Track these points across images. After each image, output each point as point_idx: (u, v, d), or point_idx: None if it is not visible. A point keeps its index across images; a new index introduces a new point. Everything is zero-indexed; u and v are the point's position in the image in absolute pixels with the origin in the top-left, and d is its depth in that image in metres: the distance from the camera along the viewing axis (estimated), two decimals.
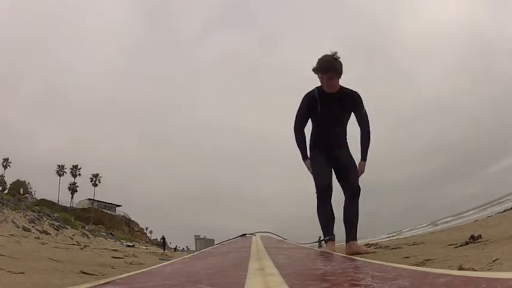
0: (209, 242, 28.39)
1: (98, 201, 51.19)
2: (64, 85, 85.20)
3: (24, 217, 17.83)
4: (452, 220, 20.72)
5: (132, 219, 51.58)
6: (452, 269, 1.53)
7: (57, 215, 25.62)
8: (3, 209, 16.90)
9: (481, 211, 19.24)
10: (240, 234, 3.70)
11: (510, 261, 1.60)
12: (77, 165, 49.75)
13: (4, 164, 47.14)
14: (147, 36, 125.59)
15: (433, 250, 2.69)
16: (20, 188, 44.34)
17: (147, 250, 22.02)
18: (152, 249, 26.67)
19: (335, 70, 2.47)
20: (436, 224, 22.00)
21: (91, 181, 51.01)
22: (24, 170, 66.11)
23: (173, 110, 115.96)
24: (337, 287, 0.62)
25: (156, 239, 47.30)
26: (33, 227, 16.43)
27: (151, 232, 55.98)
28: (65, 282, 2.26)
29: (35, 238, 12.92)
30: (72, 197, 48.29)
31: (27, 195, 41.23)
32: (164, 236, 28.81)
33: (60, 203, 45.07)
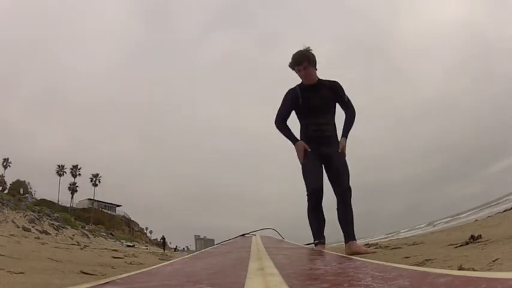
0: (209, 242, 28.37)
1: (98, 201, 51.19)
2: (64, 85, 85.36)
3: (24, 217, 17.83)
4: (450, 221, 20.72)
5: (132, 219, 51.61)
6: (452, 269, 1.52)
7: (57, 215, 25.61)
8: (3, 209, 16.90)
9: (478, 212, 19.26)
10: (240, 234, 3.70)
11: (510, 261, 1.60)
12: (77, 165, 49.80)
13: (4, 164, 47.15)
14: (147, 36, 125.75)
15: (433, 250, 2.68)
16: (20, 188, 44.33)
17: (147, 250, 22.02)
18: (152, 249, 26.67)
19: (308, 59, 2.58)
20: (434, 225, 22.00)
21: (91, 181, 51.05)
22: (24, 170, 66.17)
23: (173, 110, 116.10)
24: (337, 287, 0.62)
25: (156, 239, 47.29)
26: (33, 227, 16.42)
27: (151, 232, 56.04)
28: (65, 282, 2.26)
29: (35, 238, 12.92)
30: (72, 197, 48.32)
31: (27, 195, 41.22)
32: (164, 236, 28.81)
33: (60, 203, 45.06)
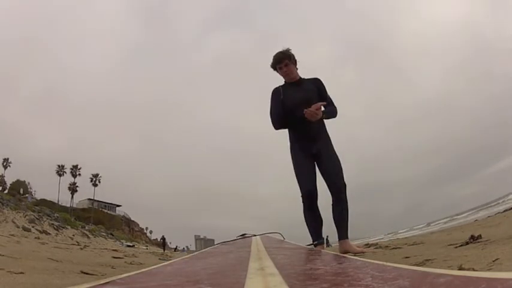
0: (209, 242, 28.35)
1: (98, 201, 51.19)
2: (64, 85, 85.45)
3: (24, 217, 17.82)
4: (448, 221, 20.73)
5: (132, 219, 51.61)
6: (452, 269, 1.52)
7: (57, 215, 25.60)
8: (3, 209, 16.89)
9: (475, 213, 19.27)
10: (240, 234, 3.70)
11: (510, 261, 1.60)
12: (77, 165, 49.81)
13: (4, 164, 47.15)
14: (147, 36, 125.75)
15: (433, 250, 2.68)
16: (20, 188, 44.33)
17: (147, 250, 22.01)
18: (152, 249, 26.66)
19: (289, 57, 2.69)
20: (431, 226, 22.00)
21: (91, 181, 51.07)
22: (24, 170, 66.17)
23: (173, 110, 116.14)
24: (337, 287, 0.62)
25: (156, 239, 47.27)
26: (33, 227, 16.42)
27: (151, 232, 56.05)
28: (65, 282, 2.26)
29: (35, 238, 12.92)
30: (72, 197, 48.32)
31: (27, 195, 41.20)
32: (164, 236, 28.79)
33: (60, 203, 45.06)
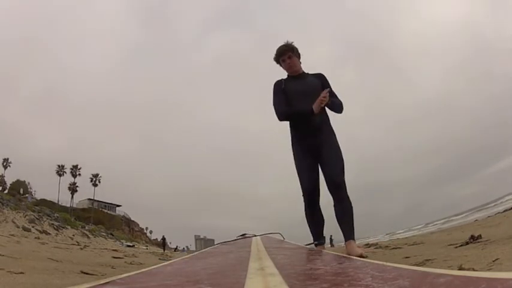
0: (209, 242, 28.33)
1: (98, 201, 51.16)
2: (64, 85, 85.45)
3: (24, 217, 17.83)
4: (445, 222, 20.72)
5: (132, 219, 51.57)
6: (452, 269, 1.52)
7: (57, 215, 25.60)
8: (3, 209, 16.89)
9: (472, 214, 19.25)
10: (240, 234, 3.69)
11: (510, 261, 1.60)
12: (77, 165, 49.77)
13: (4, 164, 47.12)
14: (147, 36, 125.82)
15: (433, 250, 2.69)
16: (20, 188, 44.31)
17: (147, 250, 22.01)
18: (152, 249, 26.65)
19: (292, 49, 2.64)
20: (427, 227, 21.99)
21: (91, 181, 51.03)
22: (24, 170, 66.10)
23: (173, 110, 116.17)
24: (337, 287, 0.62)
25: (156, 239, 47.28)
26: (33, 227, 16.42)
27: (151, 232, 55.99)
28: (65, 282, 2.26)
29: (35, 238, 12.92)
30: (72, 197, 48.27)
31: (27, 195, 41.18)
32: (164, 236, 28.78)
33: (60, 203, 45.03)
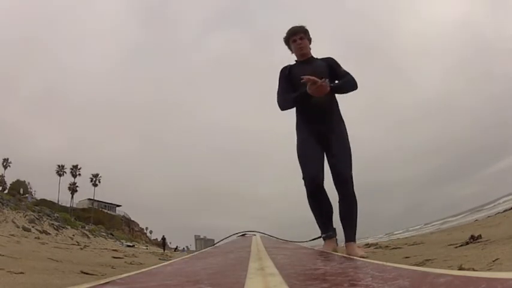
0: (209, 242, 28.33)
1: (98, 201, 51.16)
2: (64, 85, 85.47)
3: (24, 217, 17.83)
4: (442, 224, 20.74)
5: (132, 219, 51.58)
6: (452, 269, 1.52)
7: (57, 215, 25.61)
8: (3, 209, 16.90)
9: (469, 216, 19.27)
10: (234, 233, 3.70)
11: (510, 261, 1.60)
12: (77, 165, 49.78)
13: (4, 164, 47.12)
14: (147, 36, 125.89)
15: (433, 250, 2.69)
16: (20, 188, 44.32)
17: (147, 250, 22.01)
18: (152, 249, 26.65)
19: (304, 32, 2.50)
20: (425, 228, 22.02)
21: (91, 181, 51.04)
22: (24, 170, 66.08)
23: (173, 110, 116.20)
24: (337, 287, 0.62)
25: (156, 239, 47.28)
26: (33, 227, 16.42)
27: (151, 232, 56.00)
28: (65, 282, 2.26)
29: (35, 238, 12.92)
30: (72, 197, 48.28)
31: (27, 195, 41.18)
32: (164, 236, 28.76)
33: (60, 203, 45.03)
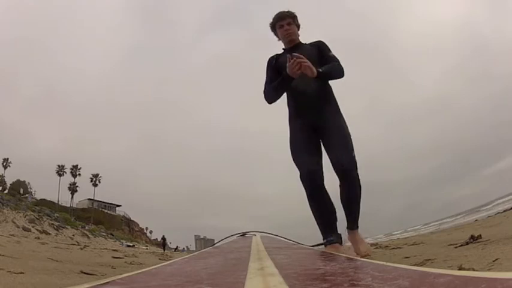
0: (209, 242, 28.36)
1: (98, 201, 51.19)
2: (64, 85, 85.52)
3: (24, 217, 17.83)
4: (439, 225, 20.77)
5: (132, 219, 51.60)
6: (452, 269, 1.52)
7: (57, 215, 25.64)
8: (3, 209, 16.90)
9: (464, 217, 19.29)
10: (234, 234, 3.71)
11: (510, 261, 1.60)
12: (77, 165, 49.84)
13: (4, 164, 47.14)
14: (147, 36, 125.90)
15: (433, 250, 2.69)
16: (20, 188, 44.37)
17: (147, 250, 22.01)
18: (152, 249, 26.65)
19: (293, 17, 2.30)
20: (423, 228, 22.07)
21: (91, 181, 51.09)
22: (24, 170, 66.11)
23: (173, 110, 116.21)
24: (337, 287, 0.62)
25: (156, 239, 47.31)
26: (33, 227, 16.43)
27: (151, 232, 56.04)
28: (65, 282, 2.26)
29: (35, 238, 12.92)
30: (72, 197, 48.34)
31: (27, 195, 41.19)
32: (164, 236, 28.74)
33: (60, 203, 45.08)
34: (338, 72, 2.14)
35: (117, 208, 53.32)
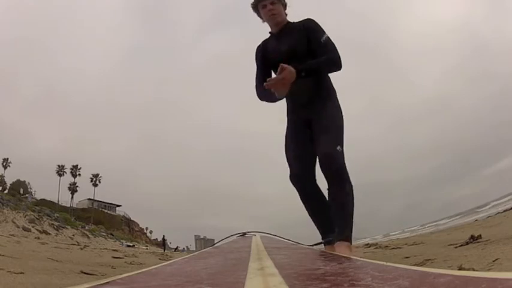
0: (209, 242, 28.37)
1: (98, 201, 51.22)
2: (64, 85, 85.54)
3: (24, 217, 17.84)
4: (435, 226, 20.77)
5: (132, 219, 51.64)
6: (452, 269, 1.53)
7: (57, 215, 25.67)
8: (3, 209, 16.91)
9: (459, 219, 19.30)
10: (235, 233, 3.70)
11: (510, 261, 1.60)
12: (77, 165, 49.89)
13: (4, 164, 47.17)
14: (146, 36, 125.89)
15: (433, 250, 2.69)
16: (20, 188, 44.40)
17: (147, 250, 22.01)
18: (152, 249, 26.66)
19: None
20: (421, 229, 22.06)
21: (91, 181, 51.13)
22: (24, 170, 66.17)
23: (173, 110, 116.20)
24: (337, 287, 0.62)
25: (156, 239, 47.37)
26: (33, 227, 16.44)
27: (151, 232, 56.09)
28: (65, 282, 2.26)
29: (35, 238, 12.93)
30: (72, 197, 48.40)
31: (27, 195, 41.22)
32: (164, 236, 28.78)
33: (60, 203, 45.12)
34: (329, 66, 1.89)
35: (117, 208, 53.36)
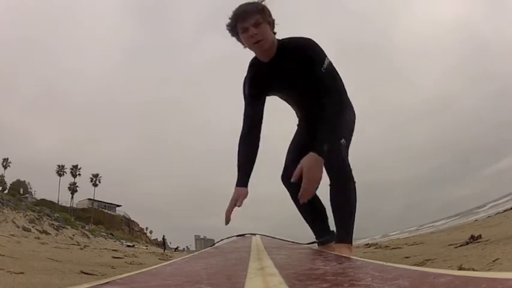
0: (209, 242, 28.38)
1: (98, 201, 51.25)
2: (64, 85, 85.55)
3: (24, 217, 17.85)
4: (432, 226, 20.80)
5: (132, 219, 51.66)
6: (452, 269, 1.53)
7: (57, 215, 25.67)
8: (3, 209, 16.91)
9: (456, 220, 19.31)
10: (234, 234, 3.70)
11: (510, 261, 1.60)
12: (77, 165, 49.93)
13: (4, 164, 47.18)
14: (147, 36, 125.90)
15: (433, 250, 2.69)
16: (20, 188, 44.42)
17: (147, 250, 22.01)
18: (152, 249, 26.65)
19: (260, 11, 1.51)
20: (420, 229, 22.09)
21: (91, 181, 51.16)
22: (24, 170, 66.18)
23: (173, 110, 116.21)
24: (337, 287, 0.62)
25: (156, 239, 47.38)
26: (33, 227, 16.44)
27: (151, 232, 56.11)
28: (65, 282, 2.26)
29: (35, 238, 12.93)
30: (72, 197, 48.41)
31: (27, 195, 41.23)
32: (164, 236, 28.78)
33: (60, 203, 45.14)
34: (338, 120, 1.52)
35: (117, 208, 53.37)
